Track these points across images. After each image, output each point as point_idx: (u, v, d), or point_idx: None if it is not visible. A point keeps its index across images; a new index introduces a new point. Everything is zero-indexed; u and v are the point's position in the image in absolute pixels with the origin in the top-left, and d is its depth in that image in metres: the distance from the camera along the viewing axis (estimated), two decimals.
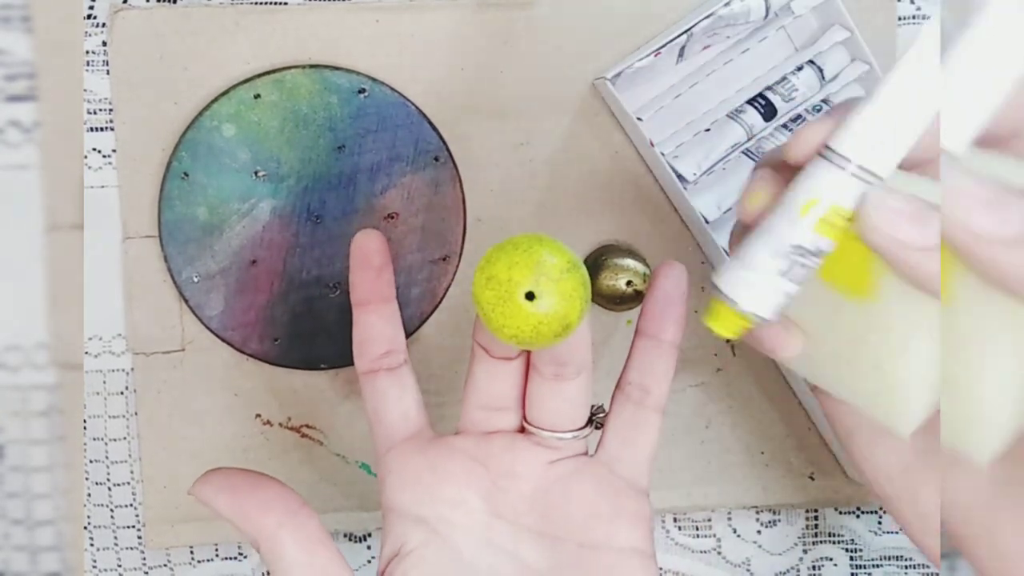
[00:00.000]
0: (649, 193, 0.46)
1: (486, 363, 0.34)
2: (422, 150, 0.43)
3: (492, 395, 0.34)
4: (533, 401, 0.34)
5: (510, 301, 0.29)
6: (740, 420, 0.48)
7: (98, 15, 0.42)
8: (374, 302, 0.36)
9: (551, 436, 0.34)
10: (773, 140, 0.45)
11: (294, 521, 0.32)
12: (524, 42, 0.44)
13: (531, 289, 0.29)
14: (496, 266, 0.30)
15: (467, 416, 0.35)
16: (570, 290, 0.30)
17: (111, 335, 0.44)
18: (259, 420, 0.45)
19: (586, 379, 0.34)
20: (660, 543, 0.48)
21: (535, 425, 0.34)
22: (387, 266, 0.36)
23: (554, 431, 0.34)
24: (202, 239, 0.43)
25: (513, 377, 0.34)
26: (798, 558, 0.49)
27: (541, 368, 0.33)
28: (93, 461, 0.45)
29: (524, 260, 0.30)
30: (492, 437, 0.34)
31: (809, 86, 0.45)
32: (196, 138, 0.42)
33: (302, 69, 0.42)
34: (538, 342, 0.30)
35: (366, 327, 0.36)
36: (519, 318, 0.29)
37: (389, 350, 0.36)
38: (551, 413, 0.34)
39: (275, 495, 0.33)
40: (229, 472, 0.33)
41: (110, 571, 0.46)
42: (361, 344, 0.36)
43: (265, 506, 0.32)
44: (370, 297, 0.36)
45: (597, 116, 0.45)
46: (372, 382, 0.36)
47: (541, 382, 0.33)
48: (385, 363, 0.36)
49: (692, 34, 0.42)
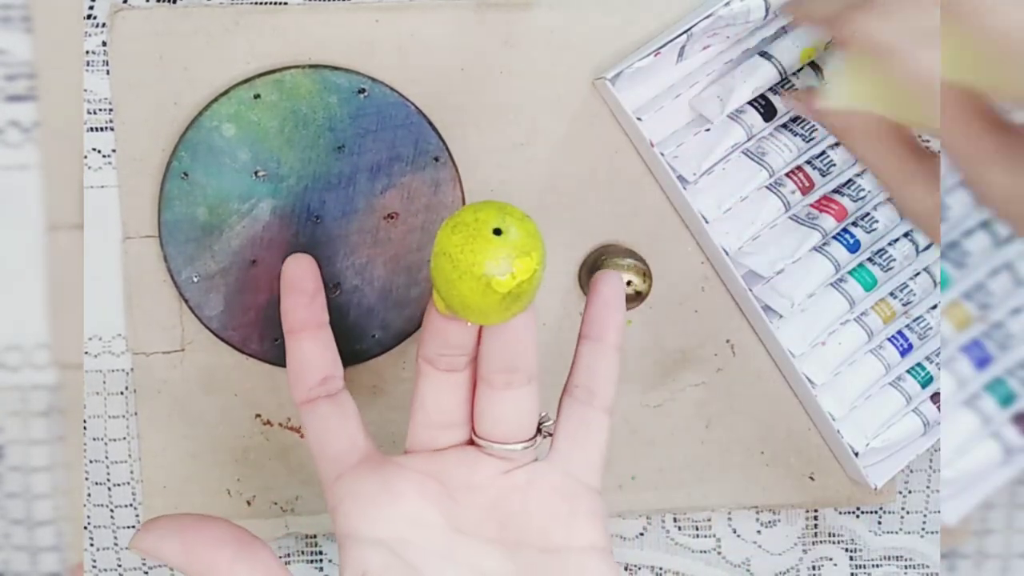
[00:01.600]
0: (649, 193, 0.46)
1: (432, 378, 0.34)
2: (422, 150, 0.43)
3: (440, 411, 0.34)
4: (483, 414, 0.34)
5: (479, 236, 0.30)
6: (740, 420, 0.48)
7: (98, 15, 0.42)
8: (308, 328, 0.35)
9: (502, 448, 0.34)
10: (773, 140, 0.45)
11: (248, 552, 0.32)
12: (524, 42, 0.44)
13: (498, 225, 0.30)
14: (461, 215, 0.31)
15: (415, 435, 0.35)
16: (534, 230, 0.30)
17: (111, 335, 0.44)
18: (259, 420, 0.45)
19: (535, 387, 0.34)
20: (660, 543, 0.48)
21: (486, 439, 0.34)
22: (320, 291, 0.36)
23: (505, 442, 0.34)
24: (202, 239, 0.43)
25: (461, 390, 0.34)
26: (798, 558, 0.49)
27: (491, 378, 0.33)
28: (93, 461, 0.45)
29: (487, 206, 0.31)
30: (444, 452, 0.34)
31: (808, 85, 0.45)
32: (196, 138, 0.42)
33: (302, 69, 0.42)
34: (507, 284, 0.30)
35: (301, 355, 0.35)
36: (490, 250, 0.29)
37: (327, 376, 0.36)
38: (502, 424, 0.33)
39: (226, 530, 0.32)
40: (171, 517, 0.32)
41: (110, 571, 0.46)
42: (298, 373, 0.35)
43: (218, 542, 0.32)
44: (305, 324, 0.35)
45: (597, 116, 0.45)
46: (313, 411, 0.35)
47: (491, 393, 0.33)
48: (324, 390, 0.36)
49: (692, 34, 0.42)
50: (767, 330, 0.45)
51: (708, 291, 0.47)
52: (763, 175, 0.44)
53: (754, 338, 0.47)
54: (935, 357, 0.47)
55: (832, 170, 0.45)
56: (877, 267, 0.46)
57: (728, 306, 0.47)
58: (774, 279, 0.45)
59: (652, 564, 0.48)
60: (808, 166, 0.45)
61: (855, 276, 0.46)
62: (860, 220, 0.46)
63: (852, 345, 0.46)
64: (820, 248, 0.45)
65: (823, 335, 0.46)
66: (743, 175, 0.45)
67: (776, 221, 0.45)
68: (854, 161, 0.46)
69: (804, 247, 0.45)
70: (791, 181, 0.45)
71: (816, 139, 0.45)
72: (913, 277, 0.47)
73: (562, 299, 0.46)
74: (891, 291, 0.47)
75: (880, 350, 0.47)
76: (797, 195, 0.45)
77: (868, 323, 0.46)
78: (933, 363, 0.47)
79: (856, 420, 0.46)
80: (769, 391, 0.47)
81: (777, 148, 0.45)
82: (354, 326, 0.43)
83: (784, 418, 0.48)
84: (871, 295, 0.46)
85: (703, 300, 0.47)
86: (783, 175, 0.45)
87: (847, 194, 0.46)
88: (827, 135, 0.45)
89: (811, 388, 0.46)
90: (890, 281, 0.47)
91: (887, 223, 0.46)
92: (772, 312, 0.46)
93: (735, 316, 0.47)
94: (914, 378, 0.47)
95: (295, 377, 0.36)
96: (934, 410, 0.47)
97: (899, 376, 0.47)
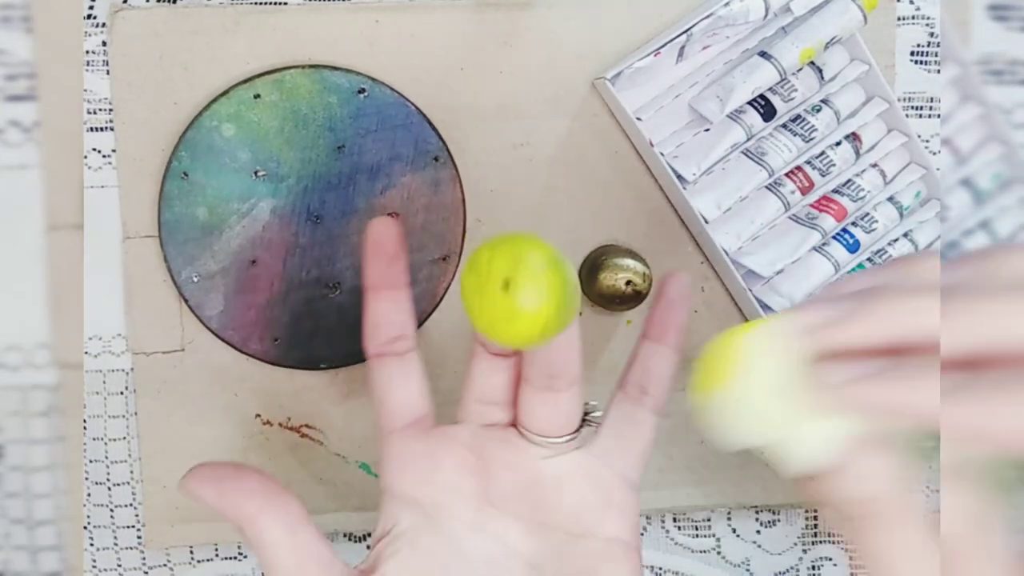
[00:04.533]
0: (649, 193, 0.46)
1: (482, 358, 0.35)
2: (422, 150, 0.43)
3: (488, 389, 0.35)
4: (524, 408, 0.35)
5: (487, 290, 0.29)
6: None
7: (98, 15, 0.42)
8: (384, 288, 0.36)
9: (543, 440, 0.35)
10: (772, 140, 0.45)
11: (275, 504, 0.33)
12: (524, 42, 0.44)
13: (508, 278, 0.29)
14: (477, 254, 0.30)
15: (465, 408, 0.36)
16: (549, 287, 0.29)
17: (111, 335, 0.44)
18: (259, 420, 0.45)
19: (578, 390, 0.34)
20: (660, 543, 0.48)
21: (527, 430, 0.35)
22: (399, 254, 0.36)
23: (546, 436, 0.35)
24: (202, 239, 0.43)
25: (507, 373, 0.35)
26: (797, 558, 0.49)
27: (532, 379, 0.34)
28: (93, 461, 0.45)
29: (506, 251, 0.30)
30: (489, 430, 0.36)
31: (808, 86, 0.45)
32: (196, 138, 0.42)
33: (302, 69, 0.42)
34: (514, 338, 0.30)
35: (376, 312, 0.36)
36: (494, 307, 0.29)
37: (398, 335, 0.36)
38: (542, 421, 0.34)
39: (256, 482, 0.34)
40: (214, 465, 0.34)
41: (110, 571, 0.46)
42: (371, 328, 0.37)
43: (248, 493, 0.33)
44: (381, 283, 0.36)
45: (597, 116, 0.45)
46: (380, 366, 0.36)
47: (532, 392, 0.34)
48: (394, 348, 0.36)
49: (692, 34, 0.42)
50: None
51: (708, 291, 0.47)
52: (763, 175, 0.44)
53: None
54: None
55: (832, 170, 0.46)
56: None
57: (728, 306, 0.47)
58: (774, 279, 0.45)
59: (652, 564, 0.48)
60: (808, 166, 0.45)
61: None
62: (860, 220, 0.46)
63: None
64: (820, 248, 0.45)
65: None
66: (743, 175, 0.45)
67: (776, 221, 0.45)
68: (854, 161, 0.46)
69: (804, 247, 0.45)
70: (791, 181, 0.45)
71: (816, 139, 0.45)
72: None
73: None
74: None
75: None
76: (797, 195, 0.45)
77: None
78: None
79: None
80: None
81: (777, 148, 0.45)
82: (354, 326, 0.43)
83: None
84: None
85: (703, 300, 0.47)
86: (783, 175, 0.45)
87: (847, 194, 0.46)
88: (827, 135, 0.45)
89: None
90: None
91: (887, 223, 0.46)
92: (772, 312, 0.46)
93: (735, 316, 0.47)
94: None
95: (369, 331, 0.37)
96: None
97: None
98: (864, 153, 0.46)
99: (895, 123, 0.47)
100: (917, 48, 0.48)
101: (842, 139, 0.46)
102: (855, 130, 0.46)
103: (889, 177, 0.47)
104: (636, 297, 0.44)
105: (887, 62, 0.47)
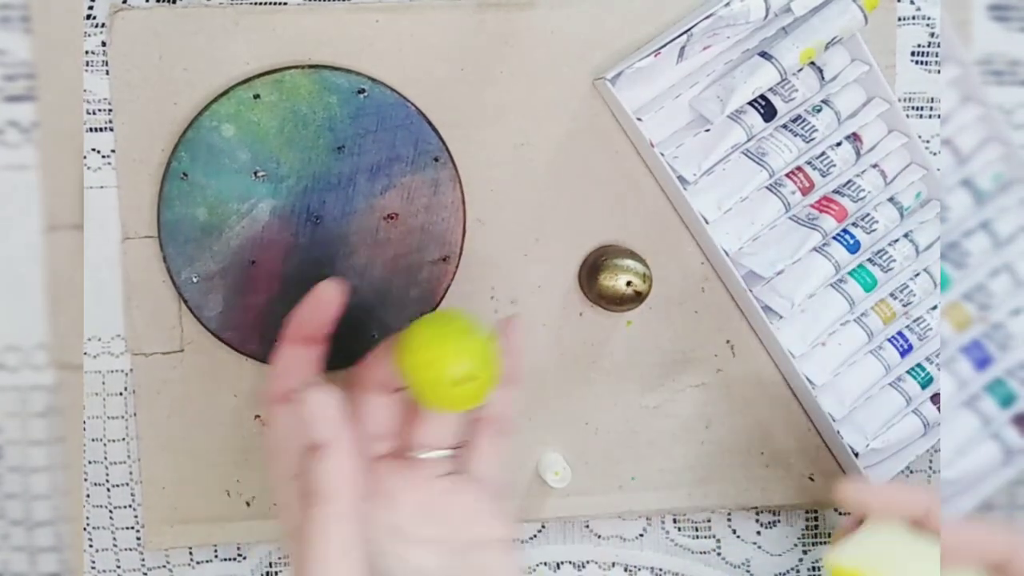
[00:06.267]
0: (649, 193, 0.46)
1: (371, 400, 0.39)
2: (422, 150, 0.43)
3: (375, 426, 0.39)
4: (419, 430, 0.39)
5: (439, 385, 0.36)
6: (740, 420, 0.48)
7: (98, 15, 0.42)
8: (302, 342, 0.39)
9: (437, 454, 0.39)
10: (773, 141, 0.45)
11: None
12: (524, 42, 0.44)
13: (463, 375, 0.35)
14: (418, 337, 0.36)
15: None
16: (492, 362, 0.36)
17: (110, 336, 0.44)
18: (259, 420, 0.45)
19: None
20: (660, 544, 0.48)
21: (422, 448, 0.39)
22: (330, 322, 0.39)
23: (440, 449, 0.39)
24: (201, 239, 0.42)
25: (396, 407, 0.39)
26: (798, 559, 0.49)
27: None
28: (92, 462, 0.45)
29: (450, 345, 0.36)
30: (377, 463, 0.39)
31: (809, 87, 0.45)
32: (196, 138, 0.42)
33: (302, 69, 0.42)
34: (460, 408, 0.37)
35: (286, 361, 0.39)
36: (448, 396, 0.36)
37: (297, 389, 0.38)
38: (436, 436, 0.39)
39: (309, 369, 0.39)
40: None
41: (109, 572, 0.46)
42: (278, 375, 0.39)
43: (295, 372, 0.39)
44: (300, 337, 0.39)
45: (597, 116, 0.45)
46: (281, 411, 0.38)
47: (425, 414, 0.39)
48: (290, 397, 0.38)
49: (692, 34, 0.42)
50: (767, 331, 0.45)
51: (708, 291, 0.47)
52: (763, 175, 0.44)
53: (754, 339, 0.47)
54: (935, 358, 0.47)
55: (832, 171, 0.46)
56: (877, 268, 0.46)
57: (728, 307, 0.47)
58: (774, 280, 0.45)
59: (652, 565, 0.48)
60: (808, 167, 0.45)
61: (855, 277, 0.46)
62: (860, 221, 0.46)
63: (852, 346, 0.46)
64: (820, 249, 0.45)
65: (823, 336, 0.46)
66: (743, 175, 0.45)
67: (776, 221, 0.45)
68: (855, 161, 0.46)
69: (804, 248, 0.45)
70: (791, 181, 0.45)
71: (816, 139, 0.45)
72: (913, 278, 0.47)
73: (562, 299, 0.46)
74: (891, 292, 0.47)
75: (880, 351, 0.47)
76: (797, 196, 0.45)
77: (868, 324, 0.46)
78: (933, 364, 0.47)
79: (856, 421, 0.46)
80: (769, 392, 0.47)
81: (777, 148, 0.45)
82: (354, 326, 0.43)
83: (784, 419, 0.48)
84: (871, 296, 0.46)
85: (703, 300, 0.47)
86: (783, 175, 0.45)
87: (847, 195, 0.46)
88: (827, 135, 0.45)
89: (811, 389, 0.46)
90: (890, 282, 0.47)
91: (887, 224, 0.46)
92: (772, 313, 0.45)
93: (735, 317, 0.47)
94: (914, 379, 0.47)
95: (274, 377, 0.39)
96: (934, 411, 0.47)
97: (899, 377, 0.47)
98: (865, 153, 0.46)
99: (895, 123, 0.47)
100: (918, 48, 0.48)
101: (843, 139, 0.46)
102: (856, 130, 0.46)
103: (889, 177, 0.47)
104: (636, 298, 0.44)
105: (888, 62, 0.47)
